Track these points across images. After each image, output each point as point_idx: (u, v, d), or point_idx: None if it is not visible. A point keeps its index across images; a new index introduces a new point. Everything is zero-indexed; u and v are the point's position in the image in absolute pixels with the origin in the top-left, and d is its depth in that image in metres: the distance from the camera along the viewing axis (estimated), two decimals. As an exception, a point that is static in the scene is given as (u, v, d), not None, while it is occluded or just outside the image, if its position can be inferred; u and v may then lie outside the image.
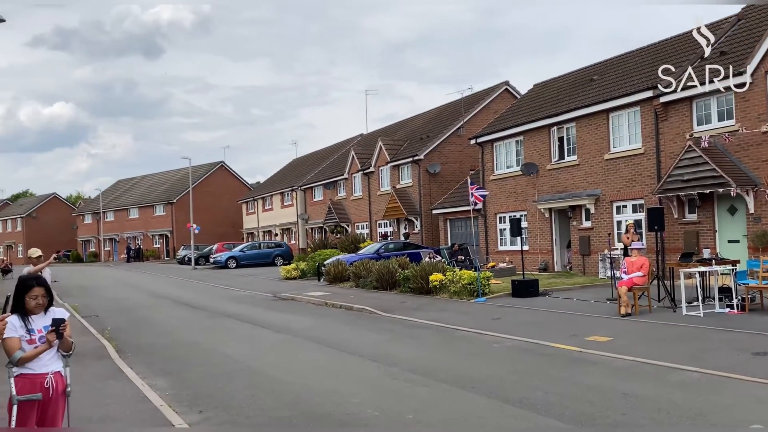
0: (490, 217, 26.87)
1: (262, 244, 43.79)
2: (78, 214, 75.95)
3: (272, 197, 52.46)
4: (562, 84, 26.07)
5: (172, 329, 14.45)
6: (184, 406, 7.55)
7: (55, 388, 4.59)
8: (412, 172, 33.54)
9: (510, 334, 11.35)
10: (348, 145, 46.86)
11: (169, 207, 61.56)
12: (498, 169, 26.55)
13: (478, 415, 6.58)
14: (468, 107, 33.82)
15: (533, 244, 24.22)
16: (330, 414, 6.89)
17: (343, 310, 16.76)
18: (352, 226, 39.79)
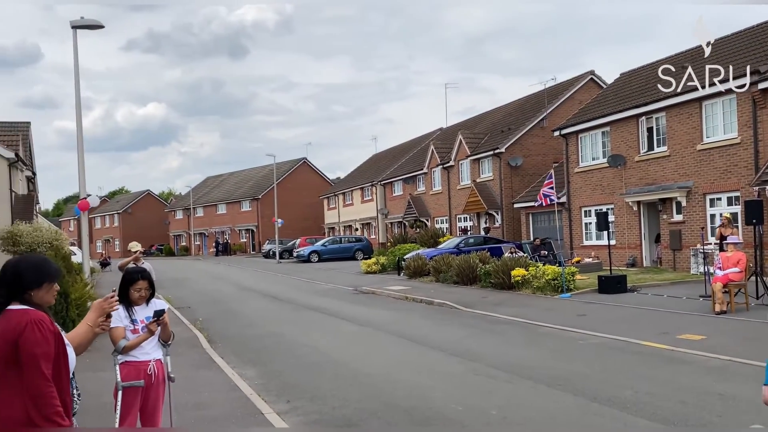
0: (574, 210, 26.18)
1: (343, 239, 44.47)
2: (170, 210, 79.58)
3: (352, 192, 53.14)
4: (651, 72, 24.98)
5: (259, 321, 14.94)
6: (273, 395, 7.80)
7: (157, 375, 4.87)
8: (492, 165, 33.13)
9: (596, 331, 11.06)
10: (427, 139, 46.79)
11: (255, 203, 63.48)
12: (583, 162, 25.82)
13: (565, 414, 6.46)
14: (551, 98, 33.03)
15: (620, 239, 23.43)
16: (414, 407, 6.95)
17: (423, 305, 16.81)
18: (432, 220, 39.75)
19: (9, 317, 3.10)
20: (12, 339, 3.03)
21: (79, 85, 15.31)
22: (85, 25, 15.01)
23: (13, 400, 3.02)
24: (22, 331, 3.02)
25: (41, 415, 2.98)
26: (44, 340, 3.05)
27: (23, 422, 2.99)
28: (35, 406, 2.98)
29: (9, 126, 29.60)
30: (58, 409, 3.01)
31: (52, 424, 2.98)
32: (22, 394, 3.01)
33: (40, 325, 3.05)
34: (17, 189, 24.46)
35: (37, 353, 3.01)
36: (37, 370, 3.00)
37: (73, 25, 15.07)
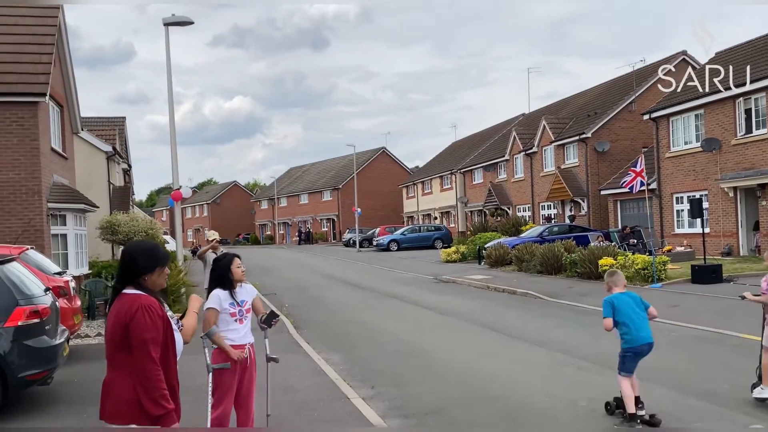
0: (665, 197, 25.07)
1: (422, 228, 44.47)
2: (255, 200, 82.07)
3: (431, 181, 53.00)
4: (749, 50, 23.53)
5: (342, 308, 15.20)
6: (357, 381, 7.93)
7: (251, 358, 5.05)
8: (578, 151, 32.18)
9: (689, 323, 10.59)
10: (509, 125, 45.97)
11: (335, 192, 64.47)
12: (674, 146, 24.66)
13: (657, 407, 6.22)
14: (640, 81, 31.68)
15: (715, 227, 22.26)
16: (498, 397, 6.89)
17: (505, 294, 16.60)
18: (513, 208, 39.10)
19: (122, 301, 3.28)
20: (124, 322, 3.19)
21: (171, 79, 15.98)
22: (176, 22, 15.63)
23: (124, 381, 3.19)
24: (133, 316, 3.17)
25: (148, 398, 3.13)
26: (153, 326, 3.19)
27: (134, 403, 3.16)
28: (143, 388, 3.14)
29: (106, 121, 31.34)
30: (164, 392, 3.16)
31: (158, 406, 3.14)
32: (132, 375, 3.18)
33: (149, 311, 3.20)
34: (114, 181, 25.89)
35: (146, 338, 3.16)
36: (146, 354, 3.15)
37: (165, 22, 15.72)
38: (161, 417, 3.15)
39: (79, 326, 10.27)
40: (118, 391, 3.21)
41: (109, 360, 3.32)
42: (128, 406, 3.18)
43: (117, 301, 3.32)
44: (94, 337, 11.30)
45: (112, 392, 3.24)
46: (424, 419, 6.25)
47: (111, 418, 3.24)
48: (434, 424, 6.08)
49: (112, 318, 3.29)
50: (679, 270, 17.42)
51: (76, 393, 7.57)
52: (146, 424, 3.15)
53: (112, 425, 3.23)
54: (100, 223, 19.35)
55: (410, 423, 6.16)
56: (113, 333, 3.26)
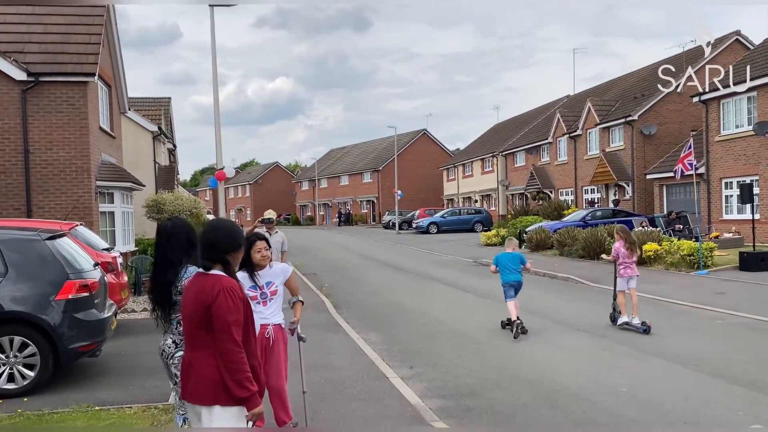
0: (714, 182, 24.36)
1: (462, 210, 44.21)
2: (296, 181, 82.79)
3: (472, 163, 52.55)
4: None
5: (381, 289, 15.27)
6: (396, 360, 7.98)
7: (275, 338, 5.04)
8: (623, 134, 31.45)
9: (737, 311, 10.32)
10: (552, 107, 45.16)
11: (376, 174, 64.51)
12: (725, 129, 23.88)
13: (702, 395, 6.11)
14: (690, 62, 30.70)
15: (765, 213, 21.54)
16: (538, 380, 6.85)
17: (546, 279, 16.43)
18: (556, 192, 38.53)
19: (203, 281, 3.33)
20: (205, 303, 3.24)
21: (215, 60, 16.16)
22: (221, 3, 15.78)
23: (208, 361, 3.25)
24: (216, 298, 3.22)
25: (233, 380, 3.19)
26: (236, 308, 3.24)
27: (218, 382, 3.22)
28: (227, 370, 3.19)
29: (152, 101, 31.92)
30: (247, 375, 3.22)
31: (242, 389, 3.20)
32: (215, 355, 3.23)
33: (231, 293, 3.25)
34: (160, 160, 26.41)
35: (229, 320, 3.20)
36: (230, 336, 3.19)
37: (210, 3, 15.88)
38: (246, 399, 3.21)
39: (126, 301, 10.58)
40: (201, 371, 3.27)
41: (189, 339, 3.38)
42: (213, 386, 3.23)
43: (196, 280, 3.37)
44: (140, 312, 11.62)
45: (194, 371, 3.30)
46: (462, 400, 6.26)
47: (195, 398, 3.29)
48: (472, 406, 6.08)
49: (192, 297, 3.33)
50: (727, 257, 16.96)
51: (123, 365, 7.81)
52: (231, 404, 3.21)
53: (198, 406, 3.28)
54: (146, 201, 19.80)
55: (448, 404, 6.17)
56: (193, 312, 3.30)
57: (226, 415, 3.22)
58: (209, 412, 3.24)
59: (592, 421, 5.54)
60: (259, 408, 3.27)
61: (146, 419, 5.65)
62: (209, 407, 3.24)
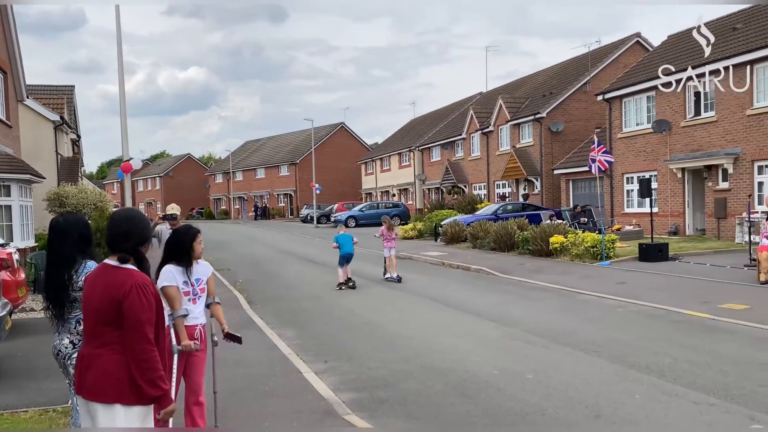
0: (616, 177, 25.66)
1: (380, 204, 44.50)
2: (210, 174, 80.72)
3: (390, 158, 52.99)
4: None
5: (297, 283, 15.16)
6: (311, 355, 7.95)
7: (203, 339, 4.90)
8: (533, 130, 32.57)
9: (636, 299, 10.92)
10: (467, 104, 46.17)
11: (293, 167, 63.86)
12: (626, 127, 25.18)
13: (601, 379, 6.43)
14: (595, 62, 32.16)
15: (663, 206, 22.92)
16: (450, 370, 7.00)
17: (460, 271, 16.80)
18: (470, 186, 39.46)
19: (113, 276, 3.16)
20: (116, 299, 3.08)
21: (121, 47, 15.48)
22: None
23: (113, 357, 3.10)
24: (128, 295, 3.07)
25: (145, 379, 3.06)
26: (149, 306, 3.12)
27: (123, 381, 3.08)
28: (139, 369, 3.06)
29: (54, 90, 30.21)
30: (160, 374, 3.11)
31: (155, 387, 3.08)
32: (121, 352, 3.08)
33: (144, 290, 3.12)
34: (63, 151, 25.08)
35: (142, 319, 3.07)
36: (143, 335, 3.07)
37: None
38: (158, 398, 3.11)
39: (23, 299, 10.00)
40: (103, 367, 3.11)
41: (90, 334, 3.20)
42: (117, 384, 3.08)
43: (105, 274, 3.20)
44: (40, 311, 11.00)
45: (94, 367, 3.13)
46: (375, 392, 6.31)
47: (93, 395, 3.13)
48: (385, 397, 6.14)
49: (99, 291, 3.15)
50: (628, 248, 17.91)
51: (19, 367, 7.38)
52: (133, 403, 3.09)
53: (95, 402, 3.12)
54: (47, 194, 18.76)
55: (362, 396, 6.21)
56: (100, 307, 3.13)
57: (126, 415, 3.09)
58: (108, 411, 3.09)
59: (500, 407, 5.71)
60: (172, 406, 3.19)
61: (43, 422, 5.37)
62: (108, 405, 3.09)
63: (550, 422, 5.32)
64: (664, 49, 25.98)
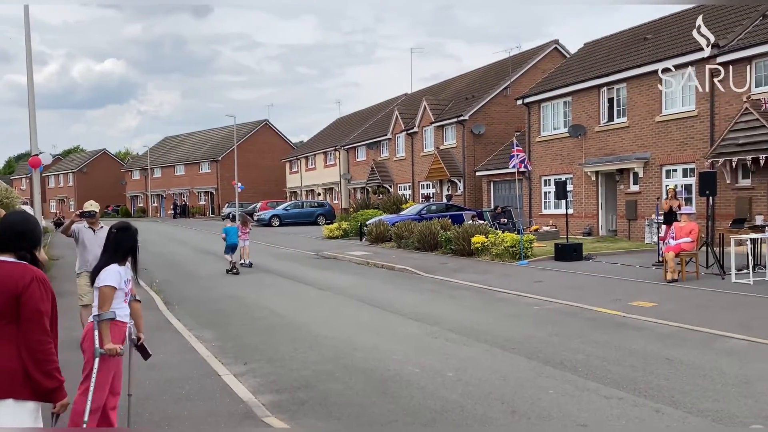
0: (534, 179, 26.49)
1: (305, 203, 44.19)
2: (127, 170, 77.83)
3: (315, 156, 52.69)
4: (614, 43, 25.22)
5: (217, 283, 14.82)
6: (230, 357, 7.77)
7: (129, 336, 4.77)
8: (456, 132, 33.17)
9: (552, 297, 11.28)
10: (392, 104, 46.50)
11: (215, 164, 62.46)
12: (544, 131, 26.04)
13: (518, 375, 6.59)
14: (515, 67, 33.09)
15: (578, 208, 23.84)
16: (372, 369, 7.00)
17: (384, 270, 16.89)
18: (395, 186, 39.77)
19: (11, 270, 3.14)
20: (13, 293, 3.07)
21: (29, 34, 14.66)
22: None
23: (9, 351, 3.05)
24: (28, 287, 3.08)
25: (40, 370, 3.05)
26: (48, 298, 3.16)
27: (16, 373, 3.03)
28: (34, 360, 3.05)
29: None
30: (56, 365, 3.12)
31: (51, 379, 3.08)
32: (15, 346, 3.05)
33: (43, 283, 3.16)
34: (-35, 144, 23.51)
35: (42, 310, 3.09)
36: (41, 326, 3.09)
37: (22, -28, 14.35)
38: (54, 390, 3.10)
39: None
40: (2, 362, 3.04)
41: None
42: (10, 377, 3.02)
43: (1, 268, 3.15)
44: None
45: None
46: (296, 394, 6.23)
47: None
48: (306, 398, 6.07)
49: None
50: (545, 248, 18.51)
51: None
52: (26, 398, 3.04)
53: None
54: (-54, 190, 17.53)
55: (282, 398, 6.12)
56: None
57: (18, 411, 3.01)
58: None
59: (421, 405, 5.76)
60: (67, 399, 3.18)
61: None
62: None
63: (469, 418, 5.41)
64: (581, 56, 27.04)
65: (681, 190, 19.75)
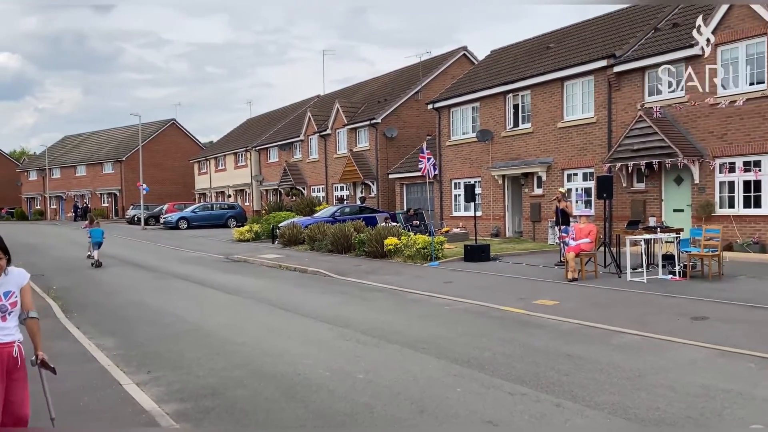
0: (445, 182, 27.03)
1: (214, 205, 43.12)
2: (22, 171, 73.24)
3: (225, 157, 51.55)
4: (519, 51, 26.14)
5: (120, 289, 14.21)
6: (132, 366, 7.46)
7: (21, 356, 4.40)
8: (369, 135, 33.36)
9: (461, 297, 11.54)
10: (305, 106, 46.20)
11: (118, 165, 59.89)
12: (454, 135, 26.63)
13: (428, 375, 6.70)
14: (426, 72, 33.66)
15: (486, 210, 24.53)
16: (281, 374, 6.91)
17: (297, 273, 16.74)
18: (308, 188, 39.52)
19: None
20: None
21: None
22: None
23: None
24: None
25: None
26: None
27: None
28: None
29: None
30: None
31: None
32: None
33: None
34: None
35: None
36: None
37: None
38: None
39: None
40: None
41: None
42: None
43: None
44: None
45: None
46: (201, 401, 6.05)
47: None
48: (212, 406, 5.91)
49: None
50: (455, 249, 18.93)
51: None
52: None
53: None
54: None
55: (187, 406, 5.93)
56: None
57: None
58: None
59: (330, 408, 5.74)
60: None
61: None
62: None
63: (378, 420, 5.44)
64: (488, 63, 27.85)
65: (581, 193, 20.73)
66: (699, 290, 11.30)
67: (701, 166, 16.88)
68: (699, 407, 5.45)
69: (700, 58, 16.55)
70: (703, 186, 16.91)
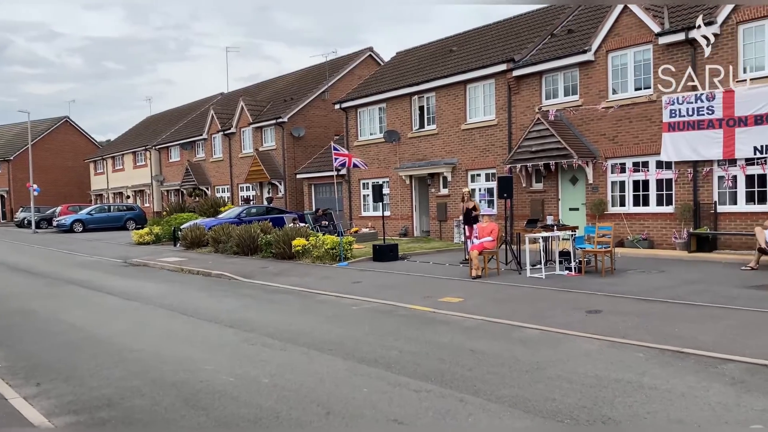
0: (353, 183, 27.09)
1: (112, 207, 41.22)
2: None
3: (124, 157, 49.37)
4: (424, 53, 26.60)
5: (7, 297, 13.28)
6: (20, 378, 6.99)
7: None
8: (275, 134, 32.91)
9: (369, 297, 11.59)
10: (208, 103, 44.97)
11: (6, 164, 56.05)
12: (362, 136, 26.74)
13: (334, 376, 6.67)
14: (333, 71, 33.61)
15: (394, 210, 24.79)
16: (183, 381, 6.67)
17: (200, 276, 16.26)
18: (212, 189, 38.50)
19: None
20: None
21: None
22: None
23: None
24: None
25: None
26: None
27: None
28: None
29: None
30: None
31: None
32: None
33: None
34: None
35: None
36: None
37: None
38: None
39: None
40: None
41: None
42: None
43: None
44: None
45: None
46: (96, 413, 5.74)
47: None
48: (108, 418, 5.62)
49: None
50: (364, 249, 19.01)
51: None
52: None
53: None
54: None
55: (80, 419, 5.61)
56: None
57: None
58: None
59: (234, 415, 5.59)
60: None
61: None
62: None
63: (284, 424, 5.36)
64: (393, 64, 28.17)
65: (484, 193, 21.36)
66: (593, 285, 11.90)
67: (594, 166, 17.80)
68: (592, 397, 5.73)
69: (593, 63, 17.46)
70: (597, 186, 17.84)
